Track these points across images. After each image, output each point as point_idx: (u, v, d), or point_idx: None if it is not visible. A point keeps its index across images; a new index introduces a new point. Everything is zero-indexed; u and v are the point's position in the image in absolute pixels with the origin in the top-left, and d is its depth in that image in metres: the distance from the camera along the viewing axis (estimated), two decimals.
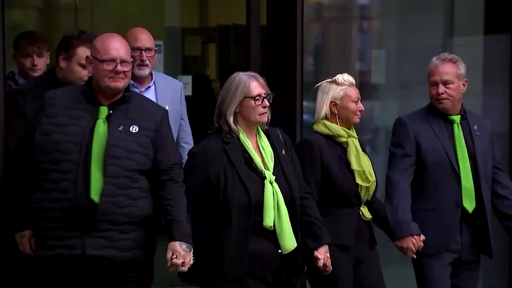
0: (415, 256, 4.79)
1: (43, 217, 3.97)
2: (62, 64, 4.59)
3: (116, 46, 4.05)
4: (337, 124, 4.71)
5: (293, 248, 4.31)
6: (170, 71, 6.97)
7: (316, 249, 4.40)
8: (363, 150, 4.78)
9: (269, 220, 4.25)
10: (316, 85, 4.81)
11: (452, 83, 4.81)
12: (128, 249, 4.01)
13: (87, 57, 4.13)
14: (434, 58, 4.90)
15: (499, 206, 4.96)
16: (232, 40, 8.95)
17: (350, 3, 7.38)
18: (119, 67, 3.98)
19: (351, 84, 4.74)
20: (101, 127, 3.99)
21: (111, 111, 4.01)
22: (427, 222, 4.80)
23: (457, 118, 4.89)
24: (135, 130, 4.04)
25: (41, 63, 5.31)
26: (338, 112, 4.70)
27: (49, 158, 3.96)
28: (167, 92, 4.97)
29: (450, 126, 4.90)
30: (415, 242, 4.74)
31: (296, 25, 5.77)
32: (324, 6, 7.26)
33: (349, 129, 4.75)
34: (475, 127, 4.93)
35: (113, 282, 4.08)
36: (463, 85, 4.87)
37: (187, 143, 5.18)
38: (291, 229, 4.31)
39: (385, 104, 6.69)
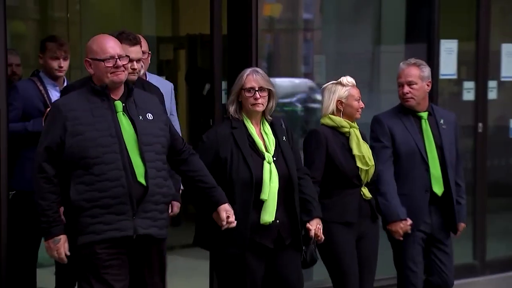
0: (401, 239, 4.73)
1: (88, 207, 3.74)
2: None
3: (111, 45, 3.89)
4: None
5: (270, 222, 4.24)
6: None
7: (309, 221, 4.34)
8: (363, 139, 4.73)
9: (264, 195, 4.22)
10: (322, 86, 4.79)
11: (416, 83, 4.75)
12: (163, 227, 3.90)
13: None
14: (401, 63, 4.90)
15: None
16: (199, 47, 8.86)
17: (296, 17, 7.31)
18: (119, 62, 3.83)
19: (353, 85, 4.70)
20: (124, 119, 3.83)
21: (123, 104, 3.87)
22: (402, 205, 4.73)
23: (424, 115, 4.83)
24: (151, 117, 3.91)
25: (66, 66, 5.19)
26: (343, 109, 4.65)
27: (88, 154, 3.73)
28: (162, 90, 4.74)
29: (419, 122, 4.83)
30: (403, 226, 4.70)
31: (251, 35, 5.79)
32: (275, 19, 7.19)
33: (352, 121, 4.71)
34: (442, 121, 4.88)
35: (148, 257, 3.92)
36: (427, 85, 4.83)
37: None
38: (275, 206, 4.25)
39: None
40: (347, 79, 4.69)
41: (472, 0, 7.26)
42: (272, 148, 4.31)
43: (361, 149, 4.61)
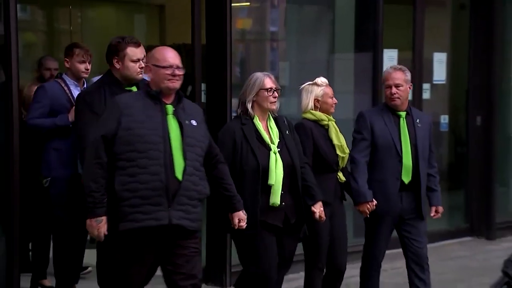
0: (368, 216, 4.67)
1: (130, 196, 3.63)
2: (117, 65, 4.34)
3: (172, 55, 3.80)
4: None
5: (277, 203, 4.20)
6: None
7: (313, 205, 4.33)
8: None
9: (271, 180, 4.17)
10: (301, 87, 4.73)
11: (402, 86, 4.66)
12: (195, 220, 3.78)
13: (147, 65, 3.84)
14: (388, 67, 4.85)
15: (430, 183, 4.84)
16: (183, 54, 8.78)
17: (264, 30, 7.31)
18: (176, 71, 3.74)
19: (327, 85, 4.68)
20: (173, 122, 3.72)
21: (174, 109, 3.76)
22: (376, 190, 4.67)
23: (403, 114, 4.72)
24: (195, 124, 3.81)
25: (89, 68, 5.14)
26: (320, 106, 4.62)
27: (135, 148, 3.63)
28: None
29: (397, 119, 4.72)
30: (369, 207, 4.63)
31: (226, 44, 5.83)
32: (246, 31, 7.20)
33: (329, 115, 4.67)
34: (418, 121, 4.76)
35: (180, 246, 3.78)
36: (409, 88, 4.77)
37: None
38: (281, 190, 4.20)
39: (289, 100, 6.60)
40: (321, 80, 4.67)
41: (409, 16, 7.36)
42: (276, 140, 4.26)
43: (340, 139, 4.59)
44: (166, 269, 3.77)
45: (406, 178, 4.66)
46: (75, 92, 5.00)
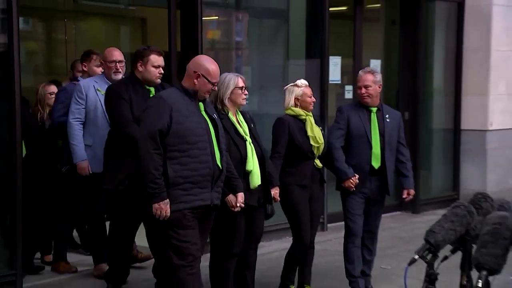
0: (354, 189, 4.57)
1: (182, 182, 3.58)
2: (140, 68, 4.30)
3: (218, 73, 3.76)
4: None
5: (258, 185, 4.13)
6: None
7: (271, 188, 4.25)
8: (317, 124, 4.60)
9: (249, 166, 4.09)
10: (284, 88, 4.66)
11: (371, 86, 4.60)
12: (219, 199, 3.79)
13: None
14: (361, 71, 4.78)
15: (398, 167, 4.77)
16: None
17: (230, 40, 7.27)
18: (214, 87, 3.77)
19: (306, 86, 4.59)
20: (206, 117, 3.70)
21: (203, 106, 3.75)
22: None
23: (374, 110, 4.66)
24: (216, 117, 3.81)
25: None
26: (300, 104, 4.55)
27: (187, 140, 3.58)
28: None
29: (369, 114, 4.66)
30: (352, 181, 4.56)
31: (198, 52, 5.77)
32: (215, 40, 7.17)
33: (308, 112, 4.58)
34: (387, 116, 4.70)
35: (209, 217, 3.81)
36: (378, 87, 4.66)
37: None
38: (259, 173, 4.14)
39: (250, 99, 6.44)
40: (301, 82, 4.61)
41: (350, 29, 7.42)
42: (247, 132, 4.19)
43: (314, 132, 4.51)
44: None
45: (376, 163, 4.62)
46: None
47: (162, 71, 4.31)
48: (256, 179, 4.12)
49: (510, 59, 8.25)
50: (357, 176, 4.57)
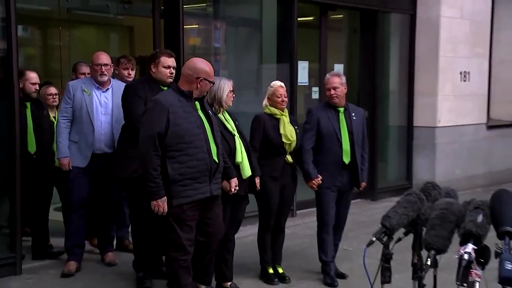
0: (316, 189, 4.57)
1: (181, 179, 3.52)
2: (153, 69, 4.24)
3: (213, 71, 3.75)
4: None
5: (249, 175, 4.13)
6: None
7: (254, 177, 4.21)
8: (291, 122, 4.52)
9: (238, 158, 4.07)
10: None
11: (338, 88, 4.53)
12: (219, 189, 3.76)
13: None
14: (328, 74, 4.71)
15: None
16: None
17: (209, 46, 7.17)
18: (210, 77, 3.68)
19: (278, 86, 4.50)
20: (202, 115, 3.65)
21: (199, 104, 3.70)
22: (323, 168, 4.52)
23: (341, 109, 4.59)
24: (211, 113, 3.78)
25: (132, 73, 5.03)
26: (271, 103, 4.50)
27: (184, 140, 3.52)
28: (119, 92, 4.47)
29: (337, 114, 4.58)
30: (315, 182, 4.52)
31: (180, 57, 5.70)
32: (196, 46, 7.11)
33: (283, 111, 4.52)
34: (353, 114, 4.61)
35: (212, 206, 3.74)
36: (344, 88, 4.57)
37: None
38: (249, 165, 4.12)
39: None
40: (273, 83, 4.55)
41: (316, 37, 7.40)
42: (235, 128, 4.16)
43: (286, 130, 4.43)
44: (201, 221, 3.71)
45: (346, 159, 4.54)
46: None
47: (173, 71, 4.21)
48: (247, 170, 4.10)
49: (455, 63, 8.34)
50: (320, 177, 4.51)
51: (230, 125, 4.15)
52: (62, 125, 4.63)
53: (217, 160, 3.65)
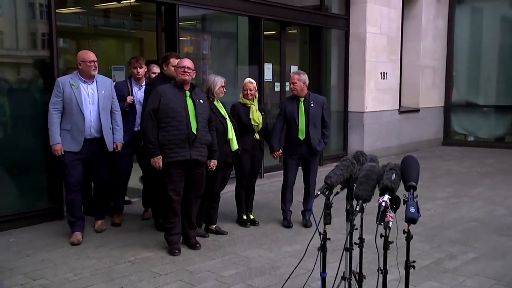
0: (275, 158, 4.52)
1: (167, 143, 3.60)
2: (165, 68, 4.12)
3: (187, 63, 3.69)
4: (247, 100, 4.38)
5: (236, 148, 4.10)
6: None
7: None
8: (259, 109, 4.40)
9: (229, 135, 4.05)
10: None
11: (296, 83, 4.40)
12: (204, 156, 3.73)
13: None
14: (292, 72, 4.53)
15: (321, 137, 4.49)
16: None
17: (199, 52, 7.08)
18: (186, 70, 3.65)
19: (247, 82, 4.38)
20: (189, 101, 3.67)
21: (190, 93, 3.68)
22: (287, 142, 4.41)
23: (302, 99, 4.44)
24: (202, 101, 3.73)
25: (141, 71, 4.58)
26: (243, 95, 4.40)
27: (169, 115, 3.59)
28: (103, 84, 4.11)
29: (299, 102, 4.45)
30: (276, 153, 4.50)
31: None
32: (189, 53, 6.89)
33: (252, 101, 4.39)
34: (312, 102, 4.44)
35: (197, 169, 3.73)
36: (303, 83, 4.40)
37: (117, 110, 4.18)
38: (236, 141, 4.09)
39: None
40: (247, 79, 4.42)
41: (277, 45, 7.31)
42: (226, 113, 4.11)
43: (254, 115, 4.35)
44: (186, 182, 3.71)
45: (302, 136, 4.43)
46: (135, 88, 4.58)
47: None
48: (234, 145, 4.11)
49: (377, 66, 8.43)
50: (280, 150, 4.48)
51: (223, 111, 4.10)
52: (54, 115, 3.98)
53: (195, 132, 3.62)
